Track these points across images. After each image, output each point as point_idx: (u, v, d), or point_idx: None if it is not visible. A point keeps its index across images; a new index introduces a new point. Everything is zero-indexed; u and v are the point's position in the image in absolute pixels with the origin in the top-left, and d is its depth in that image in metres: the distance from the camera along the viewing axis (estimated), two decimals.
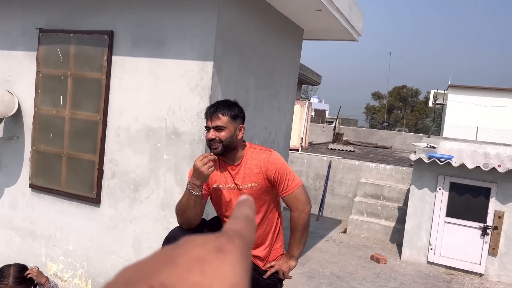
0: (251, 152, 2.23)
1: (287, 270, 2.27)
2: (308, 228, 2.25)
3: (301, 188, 2.21)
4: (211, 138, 2.13)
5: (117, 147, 3.53)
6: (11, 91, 3.93)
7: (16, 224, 4.00)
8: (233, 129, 2.15)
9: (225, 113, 2.14)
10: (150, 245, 3.43)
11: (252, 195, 2.18)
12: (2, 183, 4.07)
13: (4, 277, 1.99)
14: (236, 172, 2.20)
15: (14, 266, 2.05)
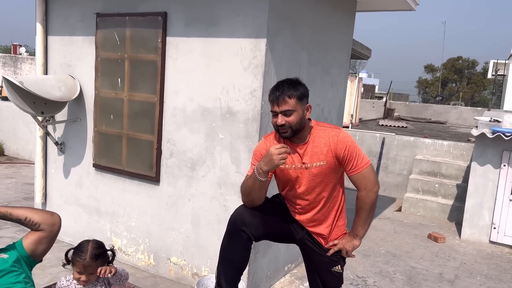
0: (319, 130, 2.17)
1: (350, 249, 2.25)
2: (375, 208, 2.20)
3: (370, 167, 2.14)
4: (280, 124, 2.07)
5: (174, 127, 3.61)
6: (73, 75, 4.11)
7: (82, 201, 4.25)
8: (301, 111, 2.09)
9: (292, 95, 2.06)
10: (208, 221, 3.52)
11: (320, 173, 2.15)
12: (69, 163, 4.32)
13: (82, 252, 2.11)
14: (303, 151, 2.16)
15: (92, 242, 2.17)
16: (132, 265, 3.96)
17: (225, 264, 2.30)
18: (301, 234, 2.35)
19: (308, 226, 2.31)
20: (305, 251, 2.41)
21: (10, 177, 7.27)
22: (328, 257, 2.28)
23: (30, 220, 2.23)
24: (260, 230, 2.26)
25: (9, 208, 2.26)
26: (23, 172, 7.75)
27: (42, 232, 2.23)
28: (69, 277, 2.21)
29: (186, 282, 3.66)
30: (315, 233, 2.31)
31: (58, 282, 2.22)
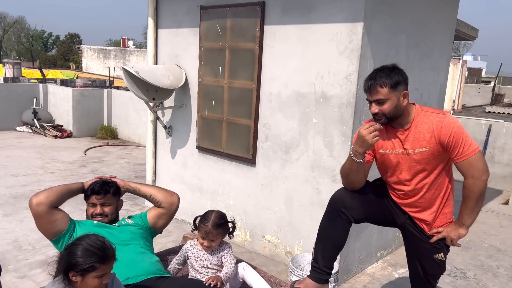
0: (422, 116, 2.12)
1: (456, 238, 2.18)
2: (483, 197, 2.09)
3: (478, 154, 2.05)
4: (374, 112, 2.09)
5: (269, 112, 3.79)
6: (179, 65, 4.50)
7: (187, 180, 4.67)
8: (395, 99, 2.06)
9: (384, 84, 2.05)
10: (300, 203, 3.66)
11: (422, 160, 2.12)
12: (175, 145, 4.76)
13: (206, 220, 2.38)
14: (405, 137, 2.13)
15: (215, 213, 2.43)
16: (230, 241, 4.27)
17: (322, 242, 2.39)
18: (402, 219, 2.33)
19: (410, 212, 2.30)
20: (406, 236, 2.41)
21: (123, 157, 8.18)
22: (431, 244, 2.24)
23: (153, 198, 2.57)
24: (360, 212, 2.30)
25: (138, 185, 2.63)
26: (134, 153, 8.66)
27: (163, 209, 2.57)
28: (193, 242, 2.50)
29: (280, 259, 3.86)
30: (417, 219, 2.28)
31: (184, 246, 2.52)
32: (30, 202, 2.25)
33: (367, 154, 2.20)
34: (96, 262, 1.70)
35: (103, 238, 1.81)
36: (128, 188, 2.60)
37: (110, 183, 2.48)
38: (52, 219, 2.27)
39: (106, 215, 2.41)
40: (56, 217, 2.28)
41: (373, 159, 2.28)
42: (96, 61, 32.86)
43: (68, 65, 42.98)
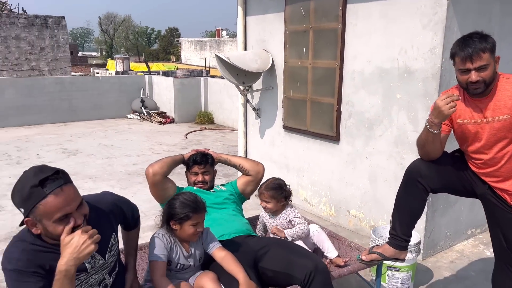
0: (504, 83, 2.05)
1: None
2: None
3: None
4: (475, 80, 1.99)
5: (352, 90, 3.88)
6: (266, 49, 4.77)
7: (274, 158, 4.96)
8: (493, 64, 2.00)
9: (485, 49, 1.96)
10: (384, 178, 3.72)
11: (503, 128, 2.06)
12: (263, 126, 5.07)
13: (263, 183, 2.75)
14: (485, 105, 2.08)
15: (272, 178, 2.79)
16: (316, 215, 4.48)
17: (399, 211, 2.48)
18: (482, 189, 2.30)
19: (490, 182, 2.26)
20: (487, 206, 2.37)
21: (219, 140, 8.80)
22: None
23: (242, 167, 2.90)
24: (436, 182, 2.32)
25: (229, 156, 2.98)
26: (228, 137, 9.25)
27: (250, 177, 2.88)
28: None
29: (364, 233, 3.97)
30: (498, 189, 2.25)
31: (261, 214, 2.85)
32: (147, 172, 2.68)
33: (443, 125, 2.20)
34: (190, 212, 2.05)
35: (195, 194, 2.16)
36: (220, 159, 2.94)
37: (208, 154, 2.85)
38: (165, 187, 2.69)
39: (206, 182, 2.78)
40: (168, 185, 2.70)
41: (450, 130, 2.27)
42: (193, 53, 34.86)
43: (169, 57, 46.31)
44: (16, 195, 1.57)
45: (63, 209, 1.55)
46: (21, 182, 1.58)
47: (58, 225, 1.55)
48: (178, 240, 2.12)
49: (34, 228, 1.58)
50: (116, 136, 9.05)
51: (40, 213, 1.52)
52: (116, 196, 2.03)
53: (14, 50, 13.89)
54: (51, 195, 1.52)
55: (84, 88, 10.88)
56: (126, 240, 2.14)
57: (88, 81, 11.23)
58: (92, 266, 1.77)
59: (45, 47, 14.52)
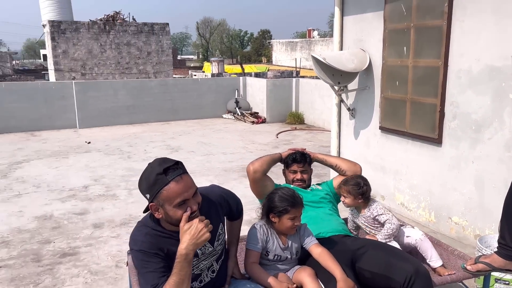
0: None
1: None
2: None
3: None
4: None
5: (457, 90, 3.66)
6: (363, 49, 4.70)
7: (369, 159, 4.87)
8: None
9: None
10: (493, 185, 3.45)
11: None
12: (358, 126, 5.01)
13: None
14: None
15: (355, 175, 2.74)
16: (413, 220, 4.31)
17: (508, 219, 2.31)
18: None
19: None
20: None
21: (309, 140, 8.84)
22: None
23: (339, 167, 2.91)
24: None
25: (325, 156, 3.02)
26: (319, 137, 9.24)
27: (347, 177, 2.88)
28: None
29: (467, 242, 3.72)
30: None
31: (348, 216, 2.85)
32: (248, 170, 2.84)
33: None
34: (288, 206, 2.15)
35: (292, 189, 2.25)
36: (317, 158, 2.99)
37: (306, 154, 2.92)
38: (264, 184, 2.82)
39: (304, 180, 2.85)
40: (267, 182, 2.83)
41: None
42: (284, 54, 35.27)
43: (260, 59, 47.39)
44: (143, 182, 1.80)
45: (182, 195, 1.73)
46: (148, 171, 1.80)
47: (178, 210, 1.74)
48: (276, 232, 2.23)
49: (156, 212, 1.78)
50: (213, 135, 9.57)
51: (163, 198, 1.72)
52: (223, 189, 2.20)
53: (125, 55, 15.42)
54: (172, 182, 1.72)
55: (185, 90, 11.68)
56: (229, 230, 2.30)
57: (189, 83, 12.02)
58: (202, 253, 1.95)
59: (151, 51, 15.87)
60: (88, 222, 4.53)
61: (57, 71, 14.54)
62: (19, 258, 3.71)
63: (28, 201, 5.19)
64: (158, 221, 1.86)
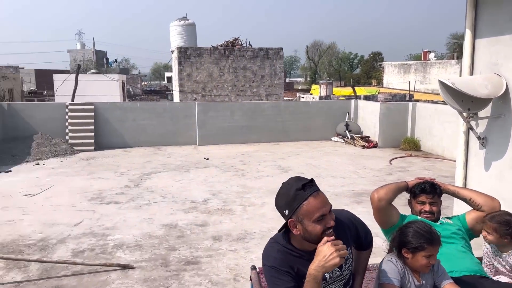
0: None
1: None
2: None
3: None
4: None
5: None
6: (499, 73, 4.33)
7: (504, 195, 4.38)
8: None
9: None
10: None
11: None
12: (489, 157, 4.57)
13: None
14: None
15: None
16: None
17: None
18: None
19: None
20: None
21: (427, 169, 8.29)
22: None
23: (473, 201, 2.69)
24: None
25: (457, 188, 2.83)
26: (437, 165, 8.62)
27: (483, 213, 2.65)
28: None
29: None
30: None
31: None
32: (373, 197, 2.77)
33: None
34: (424, 243, 2.02)
35: (429, 224, 2.13)
36: (448, 190, 2.80)
37: (435, 184, 2.77)
38: (389, 213, 2.73)
39: (433, 213, 2.69)
40: (392, 212, 2.73)
41: None
42: (396, 76, 33.92)
43: (370, 82, 46.19)
44: (281, 199, 1.88)
45: (321, 210, 1.78)
46: (285, 188, 1.89)
47: (317, 225, 1.78)
48: (409, 269, 2.13)
49: (294, 229, 1.85)
50: (322, 157, 9.56)
51: (302, 212, 1.79)
52: (353, 215, 2.19)
53: (241, 78, 16.36)
54: (311, 197, 1.78)
55: (296, 112, 11.92)
56: (356, 259, 2.26)
57: (300, 106, 12.26)
58: (330, 276, 1.96)
59: (264, 75, 16.60)
60: (208, 234, 4.85)
61: (181, 92, 16.01)
62: (150, 261, 4.12)
63: (157, 210, 5.75)
64: (289, 239, 1.93)
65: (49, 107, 11.20)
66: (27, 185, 7.08)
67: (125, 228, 5.04)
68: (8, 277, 3.77)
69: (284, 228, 1.94)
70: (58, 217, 5.40)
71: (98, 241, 4.61)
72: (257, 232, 4.89)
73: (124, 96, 20.89)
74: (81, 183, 7.24)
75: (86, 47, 55.26)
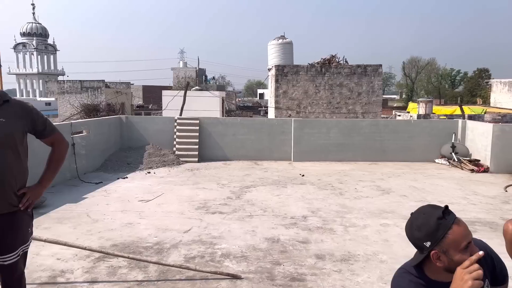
0: None
1: None
2: None
3: None
4: None
5: None
6: None
7: None
8: None
9: None
10: None
11: None
12: None
13: None
14: None
15: None
16: None
17: None
18: None
19: None
20: None
21: None
22: None
23: None
24: None
25: None
26: None
27: None
28: None
29: None
30: None
31: None
32: (506, 229, 2.53)
33: None
34: None
35: None
36: None
37: None
38: None
39: None
40: None
41: None
42: (506, 95, 30.97)
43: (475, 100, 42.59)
44: (419, 230, 1.79)
45: (467, 237, 1.68)
46: (422, 218, 1.81)
47: (464, 254, 1.69)
48: None
49: (438, 261, 1.77)
50: (425, 180, 9.01)
51: (448, 242, 1.70)
52: (488, 245, 2.04)
53: (337, 95, 16.20)
54: (454, 225, 1.69)
55: (396, 131, 11.44)
56: None
57: (401, 124, 11.75)
58: None
59: (361, 92, 16.24)
60: (310, 251, 4.84)
61: (276, 109, 16.35)
62: (256, 273, 4.23)
63: (258, 223, 5.90)
64: (422, 270, 1.85)
65: (160, 121, 12.21)
66: (141, 191, 7.76)
67: (230, 238, 5.25)
68: (131, 276, 4.15)
69: (419, 261, 1.86)
70: (170, 223, 5.82)
71: (207, 249, 4.87)
72: (361, 255, 4.76)
73: (223, 111, 21.97)
74: (187, 192, 7.73)
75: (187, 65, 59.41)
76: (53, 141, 2.86)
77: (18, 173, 2.63)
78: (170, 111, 17.92)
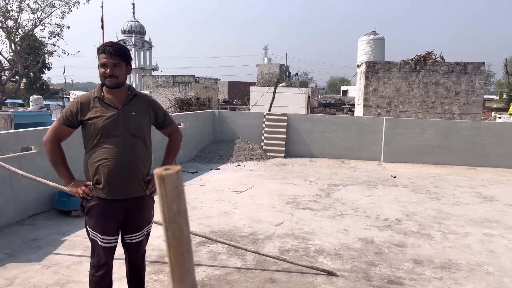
0: None
1: None
2: None
3: None
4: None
5: None
6: None
7: None
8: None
9: None
10: None
11: None
12: None
13: None
14: None
15: None
16: None
17: None
18: None
19: None
20: None
21: None
22: None
23: None
24: None
25: None
26: None
27: None
28: None
29: None
30: None
31: None
32: None
33: None
34: None
35: None
36: None
37: None
38: None
39: None
40: None
41: None
42: None
43: None
44: None
45: None
46: None
47: None
48: None
49: None
50: None
51: None
52: None
53: (432, 94, 15.29)
54: None
55: (500, 134, 10.51)
56: None
57: (506, 128, 10.76)
58: None
59: (460, 92, 15.14)
60: (407, 255, 4.69)
61: (365, 107, 15.90)
62: (352, 272, 4.21)
63: (350, 222, 5.84)
64: None
65: (250, 116, 12.57)
66: (233, 182, 8.09)
67: (323, 235, 5.27)
68: (231, 262, 4.38)
69: None
70: (262, 215, 6.00)
71: (300, 244, 4.95)
72: (464, 264, 4.50)
73: (308, 108, 21.92)
74: (276, 186, 7.89)
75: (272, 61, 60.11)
76: (171, 131, 3.14)
77: (146, 161, 2.93)
78: (256, 107, 18.33)
